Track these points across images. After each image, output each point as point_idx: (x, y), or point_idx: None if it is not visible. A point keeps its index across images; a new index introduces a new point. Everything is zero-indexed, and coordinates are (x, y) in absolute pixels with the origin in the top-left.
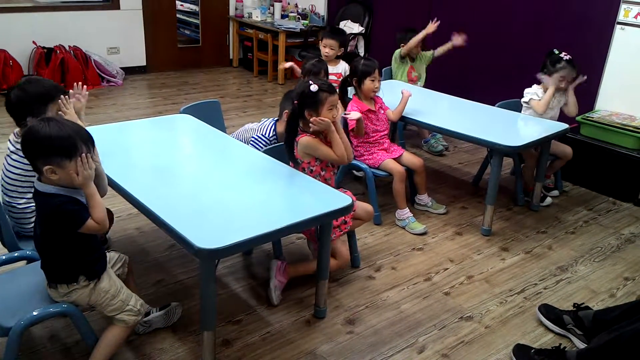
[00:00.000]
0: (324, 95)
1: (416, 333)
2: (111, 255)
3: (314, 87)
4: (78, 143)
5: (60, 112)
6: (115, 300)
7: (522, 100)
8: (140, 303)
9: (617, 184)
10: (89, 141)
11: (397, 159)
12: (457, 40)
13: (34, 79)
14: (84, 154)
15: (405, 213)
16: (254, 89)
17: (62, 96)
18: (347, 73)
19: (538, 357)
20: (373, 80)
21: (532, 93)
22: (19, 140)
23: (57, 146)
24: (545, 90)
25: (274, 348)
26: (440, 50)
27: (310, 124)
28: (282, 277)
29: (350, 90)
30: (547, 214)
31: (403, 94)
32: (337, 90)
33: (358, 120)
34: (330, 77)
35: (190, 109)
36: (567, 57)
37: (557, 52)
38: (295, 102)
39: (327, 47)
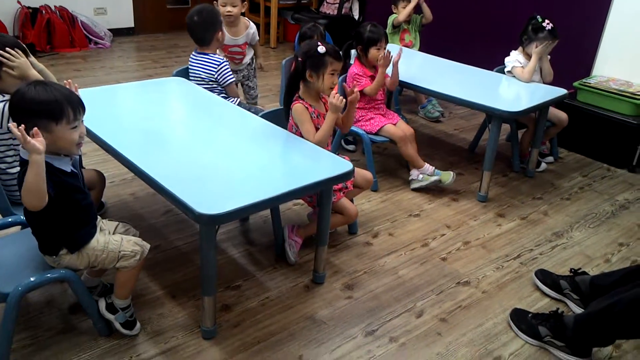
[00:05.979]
0: (329, 60)
1: (414, 298)
2: (125, 241)
3: (321, 49)
4: (65, 107)
5: (6, 69)
6: (105, 254)
7: (506, 69)
8: (133, 242)
9: (612, 150)
10: (79, 105)
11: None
12: None
13: None
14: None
15: (428, 168)
16: None
17: (1, 51)
18: (255, 36)
19: (535, 322)
20: (379, 49)
21: (514, 61)
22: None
23: (43, 110)
24: (525, 55)
25: (273, 313)
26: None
27: (327, 101)
28: (296, 237)
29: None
30: (543, 180)
31: (392, 62)
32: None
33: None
34: (234, 49)
35: (183, 72)
36: (550, 26)
37: (540, 19)
38: (300, 59)
39: (227, 6)
